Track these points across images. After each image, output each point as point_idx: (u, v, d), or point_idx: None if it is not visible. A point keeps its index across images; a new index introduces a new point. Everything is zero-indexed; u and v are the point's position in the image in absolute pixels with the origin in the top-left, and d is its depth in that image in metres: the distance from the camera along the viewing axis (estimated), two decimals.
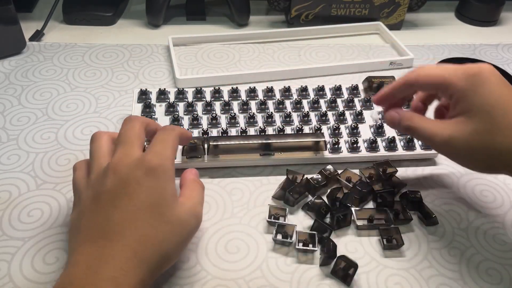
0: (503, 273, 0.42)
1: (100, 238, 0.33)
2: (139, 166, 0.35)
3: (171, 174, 0.36)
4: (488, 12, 0.80)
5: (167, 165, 0.36)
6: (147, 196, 0.34)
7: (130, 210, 0.34)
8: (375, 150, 0.51)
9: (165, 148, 0.37)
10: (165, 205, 0.35)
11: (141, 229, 0.33)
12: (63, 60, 0.66)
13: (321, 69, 0.65)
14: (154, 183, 0.35)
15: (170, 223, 0.35)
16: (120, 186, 0.35)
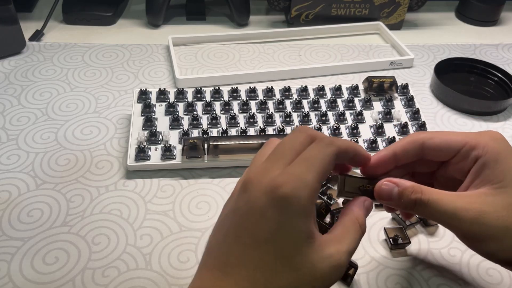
0: (503, 273, 0.41)
1: (218, 269, 0.29)
2: (268, 191, 0.28)
3: (307, 208, 0.28)
4: (488, 12, 0.80)
5: (302, 195, 0.28)
6: (270, 233, 0.28)
7: (249, 245, 0.28)
8: (375, 150, 0.51)
9: (308, 171, 0.28)
10: (293, 248, 0.28)
11: (260, 271, 0.27)
12: (63, 60, 0.66)
13: (321, 69, 0.65)
14: (281, 218, 0.27)
15: (297, 270, 0.28)
16: (246, 210, 0.29)
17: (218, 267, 0.29)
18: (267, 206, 0.28)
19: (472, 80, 0.66)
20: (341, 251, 0.29)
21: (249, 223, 0.28)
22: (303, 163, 0.29)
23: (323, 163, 0.29)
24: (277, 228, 0.28)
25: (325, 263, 0.28)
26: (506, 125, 0.59)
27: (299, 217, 0.28)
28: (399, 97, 0.58)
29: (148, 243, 0.42)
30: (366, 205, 0.32)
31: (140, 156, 0.49)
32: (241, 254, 0.28)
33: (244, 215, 0.29)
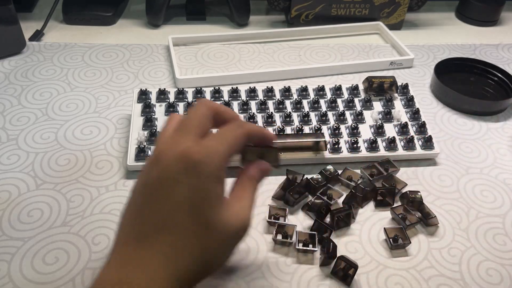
0: (503, 273, 0.41)
1: (134, 240, 0.30)
2: (181, 159, 0.30)
3: (217, 175, 0.31)
4: (488, 12, 0.80)
5: (214, 162, 0.30)
6: (185, 197, 0.30)
7: (166, 211, 0.30)
8: (375, 150, 0.51)
9: (219, 144, 0.31)
10: (207, 208, 0.30)
11: (177, 234, 0.30)
12: (63, 60, 0.66)
13: (321, 69, 0.65)
14: (195, 182, 0.30)
15: (212, 228, 0.30)
16: (158, 181, 0.30)
17: (136, 239, 0.30)
18: (181, 172, 0.30)
19: (472, 80, 0.66)
20: (244, 206, 0.33)
21: (164, 190, 0.30)
22: (216, 138, 0.32)
23: (234, 140, 0.32)
24: (192, 192, 0.30)
25: (234, 219, 0.32)
26: (506, 125, 0.59)
27: (211, 182, 0.30)
28: (399, 97, 0.58)
29: None
30: (261, 167, 0.36)
31: (140, 156, 0.49)
32: (159, 221, 0.30)
33: (158, 184, 0.30)
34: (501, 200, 0.48)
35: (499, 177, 0.51)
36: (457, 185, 0.50)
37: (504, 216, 0.47)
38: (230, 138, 0.32)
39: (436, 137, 0.55)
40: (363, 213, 0.46)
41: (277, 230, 0.43)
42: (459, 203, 0.48)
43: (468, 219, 0.46)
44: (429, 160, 0.53)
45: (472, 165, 0.52)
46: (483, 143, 0.56)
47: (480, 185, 0.50)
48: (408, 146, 0.52)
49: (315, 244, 0.42)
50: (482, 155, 0.54)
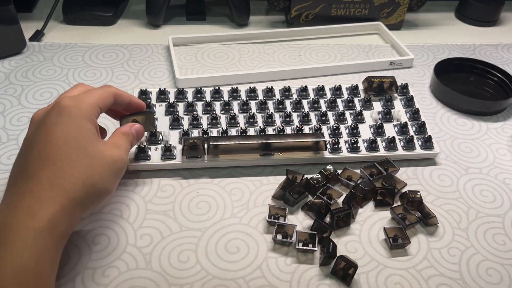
0: (503, 273, 0.42)
1: (19, 180, 0.35)
2: (54, 108, 0.37)
3: (87, 116, 0.37)
4: (488, 12, 0.80)
5: (83, 106, 0.38)
6: (62, 132, 0.36)
7: (46, 148, 0.35)
8: (375, 150, 0.51)
9: (86, 96, 0.39)
10: (83, 140, 0.36)
11: (59, 162, 0.34)
12: (63, 60, 0.66)
13: (321, 69, 0.65)
14: (69, 121, 0.36)
15: (91, 156, 0.36)
16: (36, 130, 0.36)
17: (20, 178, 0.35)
18: (55, 115, 0.36)
19: (471, 80, 0.66)
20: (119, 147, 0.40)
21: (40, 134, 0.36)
22: (86, 92, 0.39)
23: (100, 95, 0.40)
24: (68, 129, 0.36)
25: (110, 151, 0.38)
26: (506, 125, 0.59)
27: (82, 120, 0.37)
28: (399, 97, 0.58)
29: (148, 243, 0.42)
30: (134, 127, 0.44)
31: (140, 156, 0.49)
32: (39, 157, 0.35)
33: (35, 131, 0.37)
34: (500, 200, 0.49)
35: (499, 177, 0.51)
36: (457, 185, 0.50)
37: (503, 215, 0.47)
38: (97, 93, 0.40)
39: (436, 137, 0.55)
40: (363, 213, 0.46)
41: (277, 230, 0.43)
42: (459, 203, 0.48)
43: (468, 219, 0.46)
44: (428, 160, 0.53)
45: (471, 165, 0.53)
46: (482, 143, 0.56)
47: (480, 185, 0.50)
48: (408, 146, 0.52)
49: (315, 244, 0.42)
50: (482, 155, 0.54)
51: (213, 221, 0.45)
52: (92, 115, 0.38)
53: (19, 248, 0.30)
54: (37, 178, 0.34)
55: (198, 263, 0.41)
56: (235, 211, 0.46)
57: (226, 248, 0.42)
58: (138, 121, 0.46)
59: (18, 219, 0.32)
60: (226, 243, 0.43)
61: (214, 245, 0.42)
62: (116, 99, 0.42)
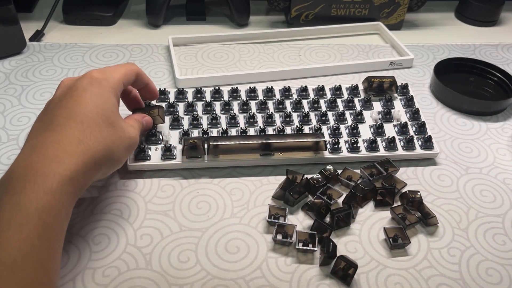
0: (503, 273, 0.42)
1: (46, 130, 0.37)
2: (85, 77, 0.40)
3: (114, 90, 0.41)
4: (488, 12, 0.80)
5: (112, 80, 0.41)
6: (92, 99, 0.38)
7: (76, 108, 0.38)
8: (375, 150, 0.51)
9: (114, 71, 0.42)
10: (109, 111, 0.39)
11: (86, 123, 0.37)
12: (63, 60, 0.66)
13: (321, 69, 0.65)
14: (99, 91, 0.39)
15: (114, 127, 0.39)
16: (67, 92, 0.39)
17: (47, 129, 0.37)
18: (87, 84, 0.39)
19: (471, 80, 0.66)
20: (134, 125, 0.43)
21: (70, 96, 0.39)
22: (113, 66, 0.43)
23: (126, 71, 0.43)
24: (97, 97, 0.39)
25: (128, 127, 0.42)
26: (506, 125, 0.59)
27: (111, 92, 0.40)
28: (399, 97, 0.58)
29: (148, 243, 0.42)
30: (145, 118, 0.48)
31: (140, 156, 0.49)
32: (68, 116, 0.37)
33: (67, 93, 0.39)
34: (500, 200, 0.49)
35: (499, 177, 0.51)
36: (457, 185, 0.50)
37: (503, 216, 0.47)
38: (123, 69, 0.43)
39: (436, 137, 0.55)
40: (363, 213, 0.46)
41: (277, 230, 0.43)
42: (459, 203, 0.48)
43: (468, 219, 0.46)
44: (428, 160, 0.53)
45: (471, 165, 0.53)
46: (482, 143, 0.56)
47: (480, 185, 0.50)
48: (408, 146, 0.52)
49: (315, 244, 0.42)
50: (482, 155, 0.54)
51: (213, 221, 0.45)
52: (118, 90, 0.41)
53: (45, 189, 0.33)
54: (65, 133, 0.36)
55: (198, 263, 0.41)
56: (235, 211, 0.46)
57: (226, 248, 0.42)
58: (150, 114, 0.49)
59: (44, 164, 0.34)
60: (226, 243, 0.43)
61: (214, 245, 0.42)
62: (137, 78, 0.45)
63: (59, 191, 0.33)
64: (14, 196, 0.32)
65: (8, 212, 0.31)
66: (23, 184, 0.33)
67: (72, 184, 0.35)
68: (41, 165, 0.34)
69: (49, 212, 0.33)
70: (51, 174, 0.33)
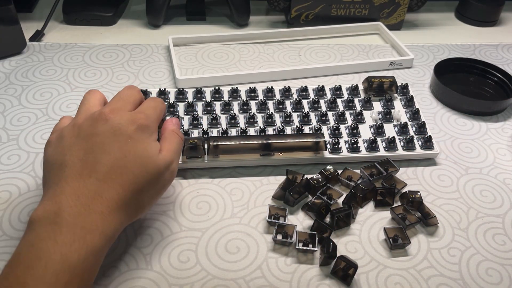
0: (503, 273, 0.42)
1: (88, 177, 0.36)
2: (132, 122, 0.39)
3: (155, 136, 0.41)
4: (488, 12, 0.80)
5: (153, 126, 0.41)
6: (134, 148, 0.38)
7: (119, 157, 0.37)
8: (375, 150, 0.51)
9: (154, 113, 0.42)
10: (148, 158, 0.39)
11: (126, 175, 0.37)
12: (63, 60, 0.66)
13: (321, 69, 0.65)
14: (142, 139, 0.39)
15: (149, 174, 0.39)
16: (112, 134, 0.38)
17: (90, 175, 0.36)
18: (134, 131, 0.39)
19: (471, 80, 0.66)
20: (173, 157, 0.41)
21: (118, 141, 0.38)
22: (151, 109, 0.42)
23: (161, 111, 0.43)
24: (140, 146, 0.39)
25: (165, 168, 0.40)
26: (506, 125, 0.59)
27: (152, 138, 0.41)
28: (399, 97, 0.58)
29: (148, 243, 0.42)
30: (173, 121, 0.45)
31: None
32: (111, 164, 0.37)
33: (112, 136, 0.38)
34: (500, 200, 0.49)
35: (499, 177, 0.51)
36: (457, 185, 0.50)
37: (503, 216, 0.47)
38: (159, 109, 0.43)
39: (436, 137, 0.55)
40: (363, 213, 0.46)
41: (277, 230, 0.43)
42: (459, 203, 0.48)
43: (468, 219, 0.46)
44: (428, 160, 0.53)
45: (471, 165, 0.53)
46: (482, 143, 0.56)
47: (480, 185, 0.50)
48: (408, 146, 0.52)
49: (315, 244, 0.42)
50: (482, 155, 0.54)
51: (213, 221, 0.45)
52: (157, 133, 0.42)
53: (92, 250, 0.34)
54: (107, 185, 0.36)
55: (198, 263, 0.41)
56: (235, 211, 0.46)
57: (226, 248, 0.42)
58: None
59: (91, 221, 0.34)
60: (226, 243, 0.43)
61: (214, 245, 0.42)
62: None
63: (101, 251, 0.35)
64: (63, 247, 0.33)
65: (57, 265, 0.32)
66: (73, 237, 0.33)
67: (111, 242, 0.36)
68: (88, 221, 0.34)
69: (90, 271, 0.34)
70: (98, 233, 0.34)
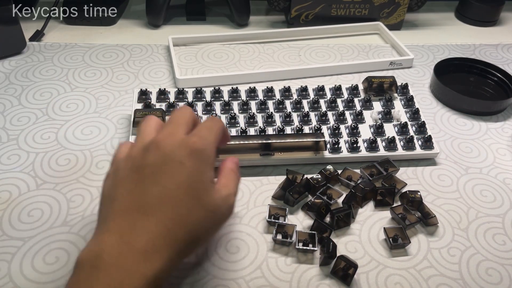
0: (503, 273, 0.42)
1: (135, 211, 0.33)
2: (184, 146, 0.35)
3: (211, 161, 0.36)
4: (488, 12, 0.80)
5: (209, 150, 0.36)
6: (187, 177, 0.34)
7: (169, 188, 0.34)
8: (375, 150, 0.51)
9: (210, 135, 0.37)
10: (202, 189, 0.35)
11: (177, 208, 0.33)
12: (63, 60, 0.66)
13: (321, 69, 0.65)
14: (196, 166, 0.35)
15: (205, 208, 0.35)
16: (162, 163, 0.35)
17: (137, 209, 0.33)
18: (185, 157, 0.34)
19: (471, 80, 0.66)
20: (231, 193, 0.38)
21: (168, 171, 0.34)
22: (206, 129, 0.37)
23: (218, 131, 0.38)
24: (193, 174, 0.34)
25: (222, 202, 0.36)
26: (506, 125, 0.59)
27: (207, 166, 0.36)
28: (399, 97, 0.58)
29: None
30: (234, 160, 0.41)
31: None
32: (160, 196, 0.33)
33: (162, 165, 0.34)
34: (500, 200, 0.49)
35: (499, 177, 0.51)
36: (457, 185, 0.50)
37: (503, 215, 0.47)
38: (216, 130, 0.38)
39: (436, 137, 0.55)
40: (363, 213, 0.46)
41: (277, 230, 0.43)
42: (459, 203, 0.48)
43: (468, 219, 0.46)
44: (428, 160, 0.53)
45: (471, 165, 0.53)
46: (482, 143, 0.56)
47: (480, 185, 0.50)
48: (408, 146, 0.52)
49: (315, 244, 0.42)
50: (482, 155, 0.54)
51: None
52: (214, 159, 0.37)
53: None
54: (156, 219, 0.33)
55: (198, 262, 0.41)
56: (235, 211, 0.46)
57: (226, 248, 0.42)
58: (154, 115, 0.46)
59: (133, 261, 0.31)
60: (226, 243, 0.43)
61: (214, 245, 0.42)
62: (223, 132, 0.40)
63: None
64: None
65: None
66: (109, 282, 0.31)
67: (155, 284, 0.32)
68: (129, 262, 0.31)
69: None
70: (138, 274, 0.31)
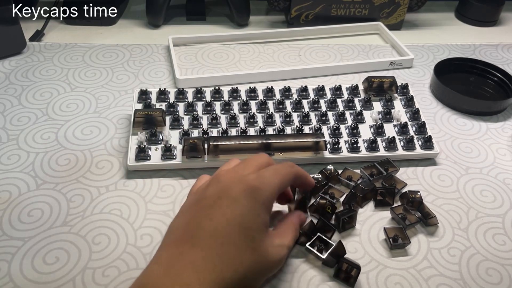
0: (503, 273, 0.42)
1: (186, 242, 0.33)
2: (241, 181, 0.35)
3: (268, 203, 0.35)
4: (488, 12, 0.80)
5: (267, 191, 0.35)
6: (239, 215, 0.34)
7: (221, 223, 0.33)
8: (375, 150, 0.51)
9: (273, 176, 0.36)
10: (256, 231, 0.34)
11: (227, 245, 0.33)
12: (63, 60, 0.66)
13: (321, 69, 0.65)
14: (251, 205, 0.34)
15: (256, 251, 0.34)
16: (218, 196, 0.35)
17: (187, 241, 0.33)
18: (240, 193, 0.34)
19: (471, 80, 0.66)
20: (284, 244, 0.37)
21: (222, 206, 0.34)
22: (271, 170, 0.37)
23: (285, 175, 0.37)
24: (246, 212, 0.34)
25: (274, 250, 0.35)
26: (506, 125, 0.59)
27: (263, 207, 0.35)
28: (399, 97, 0.58)
29: (148, 243, 0.42)
30: (301, 217, 0.41)
31: (140, 156, 0.49)
32: (211, 231, 0.33)
33: (217, 200, 0.34)
34: (500, 200, 0.49)
35: (499, 177, 0.51)
36: (457, 185, 0.50)
37: (503, 215, 0.47)
38: (282, 173, 0.37)
39: (436, 137, 0.55)
40: (363, 213, 0.46)
41: None
42: (459, 203, 0.48)
43: (468, 219, 0.46)
44: (428, 160, 0.53)
45: (471, 165, 0.53)
46: (482, 143, 0.56)
47: (480, 185, 0.50)
48: (408, 146, 0.52)
49: (318, 244, 0.42)
50: (482, 155, 0.54)
51: None
52: (272, 203, 0.36)
53: None
54: (204, 253, 0.32)
55: None
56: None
57: None
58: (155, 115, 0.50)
59: None
60: None
61: None
62: (295, 181, 0.40)
63: None
64: None
65: None
66: None
67: None
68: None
69: None
70: None
